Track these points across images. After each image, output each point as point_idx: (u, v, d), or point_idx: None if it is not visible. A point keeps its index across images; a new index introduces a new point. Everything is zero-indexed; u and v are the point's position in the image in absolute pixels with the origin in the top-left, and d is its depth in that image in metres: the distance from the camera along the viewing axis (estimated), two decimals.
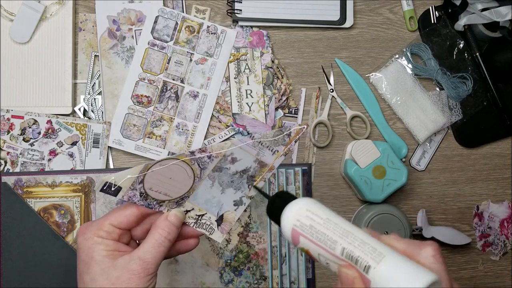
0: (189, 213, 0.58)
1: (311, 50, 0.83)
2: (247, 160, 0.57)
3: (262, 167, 0.58)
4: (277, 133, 0.58)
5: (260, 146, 0.57)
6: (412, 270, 0.39)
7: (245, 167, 0.58)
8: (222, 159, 0.57)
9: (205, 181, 0.57)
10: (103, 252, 0.50)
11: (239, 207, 0.59)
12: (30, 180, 0.74)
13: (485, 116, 0.83)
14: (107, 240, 0.51)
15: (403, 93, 0.82)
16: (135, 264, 0.50)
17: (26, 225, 0.73)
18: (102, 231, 0.52)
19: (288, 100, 0.81)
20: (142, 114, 0.78)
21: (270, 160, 0.58)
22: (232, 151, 0.57)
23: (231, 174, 0.58)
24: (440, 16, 0.83)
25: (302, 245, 0.45)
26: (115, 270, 0.50)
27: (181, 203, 0.57)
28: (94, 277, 0.50)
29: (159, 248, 0.52)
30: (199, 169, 0.57)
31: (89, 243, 0.51)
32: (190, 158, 0.56)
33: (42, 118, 0.76)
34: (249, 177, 0.58)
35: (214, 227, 0.59)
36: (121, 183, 0.53)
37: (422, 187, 0.83)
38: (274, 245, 0.75)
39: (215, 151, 0.56)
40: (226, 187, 0.58)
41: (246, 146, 0.57)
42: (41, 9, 0.76)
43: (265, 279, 0.75)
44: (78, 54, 0.79)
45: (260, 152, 0.58)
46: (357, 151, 0.76)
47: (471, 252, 0.83)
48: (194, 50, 0.79)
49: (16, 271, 0.72)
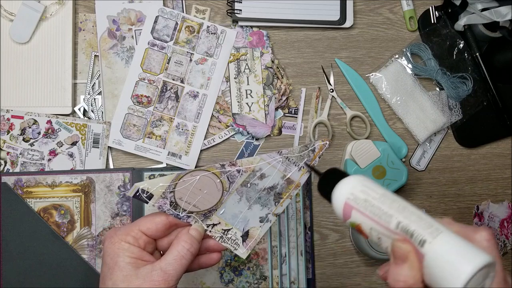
0: (216, 227, 0.59)
1: (311, 50, 0.83)
2: (275, 176, 0.59)
3: (289, 184, 0.60)
4: (303, 149, 0.60)
5: (288, 162, 0.59)
6: (468, 249, 0.39)
7: (273, 184, 0.60)
8: (251, 174, 0.59)
9: (233, 195, 0.59)
10: (128, 258, 0.51)
11: (264, 224, 0.60)
12: (30, 180, 0.74)
13: (485, 116, 0.83)
14: (133, 247, 0.52)
15: (403, 93, 0.82)
16: (157, 275, 0.51)
17: (26, 225, 0.73)
18: (129, 237, 0.53)
19: (288, 100, 0.81)
20: (142, 114, 0.78)
21: (296, 177, 0.60)
22: (261, 167, 0.59)
23: (258, 190, 0.59)
24: (440, 16, 0.83)
25: (354, 219, 0.45)
26: (137, 279, 0.50)
27: (208, 215, 0.58)
28: (116, 282, 0.50)
29: (181, 261, 0.52)
30: (228, 183, 0.58)
31: (115, 247, 0.52)
32: (220, 171, 0.58)
33: (42, 118, 0.76)
34: (276, 194, 0.60)
35: (239, 242, 0.60)
36: (153, 190, 0.55)
37: (422, 187, 0.83)
38: (274, 245, 0.75)
39: (245, 166, 0.58)
40: (253, 203, 0.60)
41: (274, 162, 0.58)
42: (41, 9, 0.76)
43: (265, 279, 0.75)
44: (78, 54, 0.79)
45: (288, 168, 0.59)
46: (357, 151, 0.76)
47: None
48: (194, 50, 0.79)
49: (16, 271, 0.72)
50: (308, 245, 0.79)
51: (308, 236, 0.79)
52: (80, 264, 0.73)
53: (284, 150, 0.59)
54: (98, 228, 0.74)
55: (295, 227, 0.76)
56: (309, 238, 0.79)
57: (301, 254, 0.76)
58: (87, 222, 0.74)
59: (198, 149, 0.78)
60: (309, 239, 0.79)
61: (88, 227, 0.74)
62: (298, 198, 0.76)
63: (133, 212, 0.75)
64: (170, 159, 0.78)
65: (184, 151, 0.78)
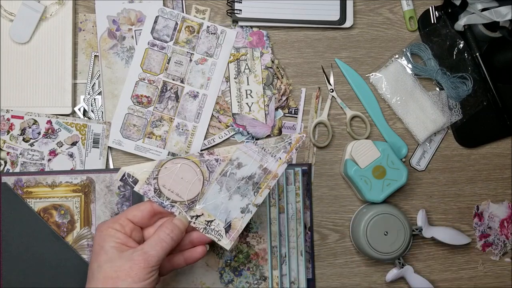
0: (199, 219, 0.61)
1: (311, 50, 0.83)
2: (252, 166, 0.61)
3: (266, 174, 0.62)
4: (279, 141, 0.62)
5: (264, 152, 0.62)
6: None
7: (251, 173, 0.62)
8: (229, 163, 0.61)
9: (214, 185, 0.61)
10: (113, 243, 0.55)
11: (246, 215, 0.62)
12: (30, 180, 0.74)
13: (485, 116, 0.83)
14: (119, 233, 0.56)
15: (403, 93, 0.82)
16: (137, 255, 0.54)
17: (26, 225, 0.73)
18: (116, 224, 0.57)
19: (288, 100, 0.81)
20: (142, 114, 0.78)
21: (273, 168, 0.62)
22: (238, 156, 0.61)
23: (237, 179, 0.61)
24: (440, 16, 0.83)
25: None
26: (119, 260, 0.54)
27: (191, 206, 0.61)
28: (100, 264, 0.54)
29: (161, 243, 0.56)
30: (208, 172, 0.61)
31: (103, 234, 0.56)
32: (199, 159, 0.61)
33: (42, 118, 0.76)
34: (254, 184, 0.62)
35: (222, 233, 0.61)
36: (137, 175, 0.59)
37: (422, 187, 0.83)
38: (274, 245, 0.75)
39: (222, 155, 0.61)
40: (233, 193, 0.61)
41: (251, 151, 0.61)
42: (41, 9, 0.76)
43: (265, 279, 0.75)
44: (78, 54, 0.79)
45: (264, 158, 0.62)
46: (357, 151, 0.76)
47: (471, 252, 0.83)
48: (194, 50, 0.79)
49: (16, 271, 0.72)
50: (308, 245, 0.79)
51: (308, 236, 0.79)
52: (80, 264, 0.73)
53: (260, 141, 0.62)
54: None
55: (295, 227, 0.76)
56: (309, 238, 0.79)
57: (301, 254, 0.76)
58: (87, 222, 0.74)
59: (198, 149, 0.78)
60: (309, 239, 0.79)
61: (88, 227, 0.74)
62: (298, 198, 0.76)
63: None
64: None
65: (184, 151, 0.78)
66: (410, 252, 0.82)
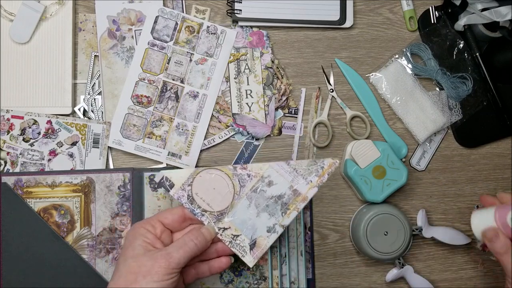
0: (226, 231, 0.62)
1: (311, 50, 0.83)
2: (282, 185, 0.62)
3: (296, 196, 0.62)
4: (311, 163, 0.62)
5: (295, 173, 0.62)
6: None
7: (280, 193, 0.62)
8: (260, 179, 0.62)
9: (243, 200, 0.62)
10: (141, 241, 0.58)
11: (271, 235, 0.63)
12: (30, 180, 0.74)
13: (485, 116, 0.83)
14: (149, 233, 0.59)
15: (403, 93, 0.82)
16: (160, 256, 0.56)
17: (26, 225, 0.73)
18: (148, 224, 0.59)
19: (288, 100, 0.81)
20: (142, 114, 0.78)
21: (303, 190, 0.62)
22: (269, 173, 0.62)
23: (267, 197, 0.62)
24: (440, 16, 0.83)
25: None
26: (143, 257, 0.56)
27: (220, 218, 0.62)
28: (126, 258, 0.57)
29: (184, 248, 0.57)
30: (239, 186, 0.62)
31: (134, 232, 0.59)
32: (232, 172, 0.62)
33: (42, 118, 0.76)
34: (283, 204, 0.62)
35: (247, 250, 0.62)
36: (174, 180, 0.62)
37: (422, 187, 0.83)
38: (274, 245, 0.75)
39: (254, 171, 0.62)
40: (261, 210, 0.62)
41: (282, 171, 0.62)
42: (41, 9, 0.76)
43: (265, 279, 0.75)
44: (78, 54, 0.79)
45: (295, 179, 0.62)
46: (357, 151, 0.76)
47: (471, 252, 0.83)
48: (194, 50, 0.79)
49: (16, 271, 0.72)
50: (308, 245, 0.79)
51: (308, 236, 0.79)
52: (80, 264, 0.73)
53: (292, 162, 0.62)
54: (98, 228, 0.74)
55: (295, 227, 0.76)
56: (309, 238, 0.79)
57: (301, 254, 0.76)
58: (87, 222, 0.74)
59: (198, 149, 0.78)
60: (309, 239, 0.79)
61: (88, 227, 0.74)
62: None
63: (133, 212, 0.75)
64: (170, 159, 0.78)
65: (184, 151, 0.78)
66: (410, 252, 0.82)
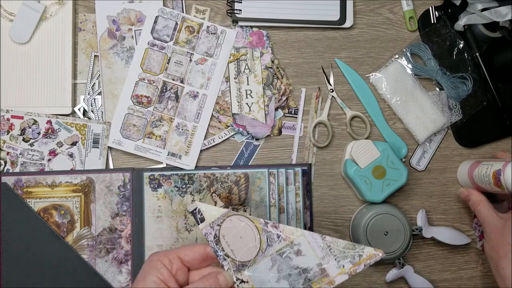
0: (243, 285, 0.59)
1: (311, 50, 0.83)
2: (311, 259, 0.57)
3: (322, 276, 0.57)
4: (349, 247, 0.56)
5: (328, 252, 0.57)
6: None
7: (307, 267, 0.57)
8: (289, 245, 0.58)
9: (267, 260, 0.58)
10: (155, 277, 0.55)
11: None
12: (30, 180, 0.74)
13: (485, 116, 0.83)
14: (164, 269, 0.56)
15: (403, 93, 0.82)
16: None
17: (26, 225, 0.73)
18: (166, 259, 0.57)
19: (288, 100, 0.81)
20: (142, 114, 0.78)
21: (333, 273, 0.57)
22: (300, 242, 0.57)
23: (291, 266, 0.58)
24: (440, 16, 0.83)
25: None
26: None
27: (240, 269, 0.59)
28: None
29: None
30: (266, 244, 0.58)
31: (151, 264, 0.57)
32: (262, 227, 0.58)
33: (42, 118, 0.76)
34: (306, 279, 0.57)
35: None
36: (206, 215, 0.59)
37: (422, 187, 0.83)
38: None
39: (285, 234, 0.58)
40: (282, 277, 0.58)
41: (315, 244, 0.57)
42: (41, 9, 0.76)
43: None
44: (78, 54, 0.79)
45: (326, 257, 0.57)
46: (357, 151, 0.76)
47: (471, 252, 0.83)
48: (194, 50, 0.79)
49: (16, 271, 0.72)
50: None
51: None
52: (80, 264, 0.73)
53: (328, 238, 0.57)
54: (98, 228, 0.74)
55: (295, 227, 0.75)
56: None
57: None
58: (87, 222, 0.74)
59: (198, 149, 0.78)
60: None
61: (88, 227, 0.74)
62: (298, 198, 0.76)
63: (133, 212, 0.75)
64: (170, 159, 0.78)
65: (184, 151, 0.78)
66: (410, 252, 0.82)
